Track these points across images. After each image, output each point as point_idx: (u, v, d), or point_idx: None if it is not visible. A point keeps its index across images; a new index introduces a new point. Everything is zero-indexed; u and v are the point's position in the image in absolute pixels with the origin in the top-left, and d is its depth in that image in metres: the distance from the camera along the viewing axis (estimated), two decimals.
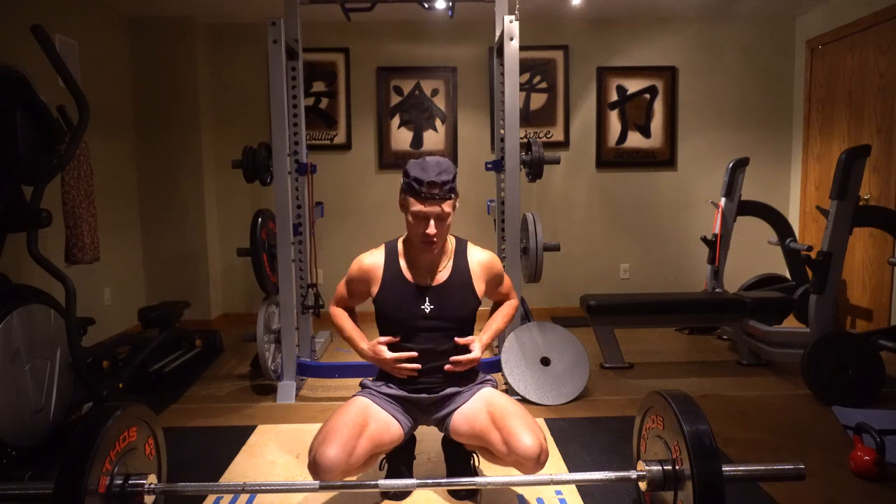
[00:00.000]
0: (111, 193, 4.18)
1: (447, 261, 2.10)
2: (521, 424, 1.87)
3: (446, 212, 1.96)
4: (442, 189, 1.92)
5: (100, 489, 1.57)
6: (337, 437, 1.85)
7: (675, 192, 4.93)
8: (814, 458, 2.36)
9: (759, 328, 3.41)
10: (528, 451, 1.82)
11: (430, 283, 2.07)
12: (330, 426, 1.89)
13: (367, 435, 1.91)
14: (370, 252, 2.16)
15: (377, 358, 2.06)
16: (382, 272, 2.09)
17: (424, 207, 1.93)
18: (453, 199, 1.98)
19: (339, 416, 1.94)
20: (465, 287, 2.09)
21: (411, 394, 2.06)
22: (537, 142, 3.24)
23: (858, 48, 4.10)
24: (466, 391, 2.08)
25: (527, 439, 1.83)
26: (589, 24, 4.78)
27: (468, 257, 2.13)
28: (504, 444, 1.86)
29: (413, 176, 1.94)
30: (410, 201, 1.95)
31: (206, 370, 3.67)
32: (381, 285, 2.08)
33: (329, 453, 1.80)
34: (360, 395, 2.07)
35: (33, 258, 2.41)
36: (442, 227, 1.97)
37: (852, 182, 3.01)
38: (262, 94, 4.57)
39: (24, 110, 2.39)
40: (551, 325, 3.17)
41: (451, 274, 2.09)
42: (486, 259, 2.15)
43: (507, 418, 1.90)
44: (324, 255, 4.44)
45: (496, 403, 1.98)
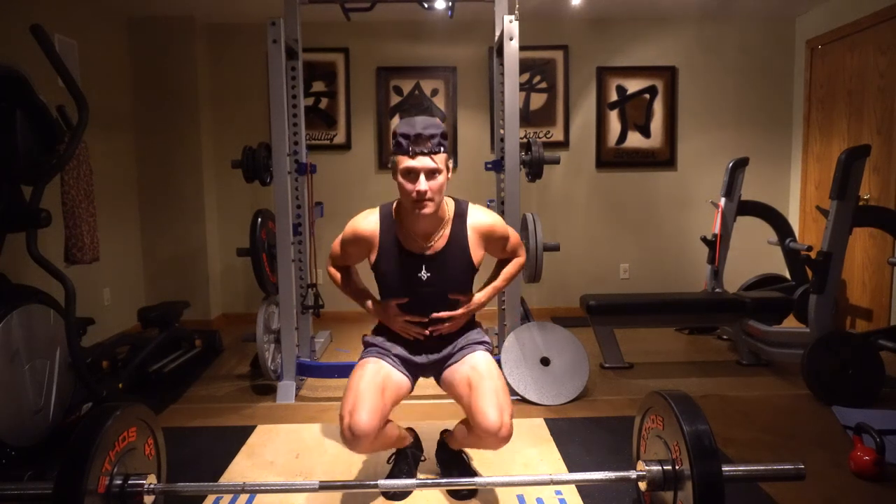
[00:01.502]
0: (111, 193, 4.18)
1: (444, 227, 2.03)
2: (491, 400, 1.88)
3: (437, 166, 1.89)
4: (430, 142, 1.87)
5: (99, 489, 1.57)
6: (365, 402, 1.87)
7: (675, 192, 4.93)
8: (814, 458, 2.36)
9: (759, 328, 3.40)
10: (489, 425, 1.84)
11: (426, 251, 2.01)
12: (355, 394, 1.90)
13: (388, 396, 1.95)
14: (364, 216, 2.08)
15: (387, 315, 2.05)
16: (379, 239, 2.04)
17: (413, 162, 1.87)
18: (444, 155, 1.92)
19: (360, 381, 1.94)
20: (462, 255, 2.03)
21: (412, 355, 2.07)
22: (537, 142, 3.24)
23: (858, 48, 4.10)
24: (464, 348, 2.08)
25: (491, 414, 1.84)
26: (589, 24, 4.78)
27: (467, 223, 2.05)
28: (471, 415, 1.91)
29: (400, 132, 1.89)
30: (399, 160, 1.89)
31: (205, 370, 3.67)
32: (378, 253, 2.04)
33: (363, 419, 1.83)
34: (371, 357, 2.05)
35: (33, 258, 2.41)
36: (434, 184, 1.89)
37: (852, 182, 3.01)
38: (262, 94, 4.57)
39: (24, 110, 2.39)
40: (551, 325, 3.17)
41: (448, 242, 2.02)
42: (486, 224, 2.07)
43: (479, 391, 1.91)
44: (324, 255, 4.41)
45: (477, 374, 1.97)
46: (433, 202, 1.91)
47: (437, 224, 2.01)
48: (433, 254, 2.01)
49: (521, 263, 2.23)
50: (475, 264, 2.06)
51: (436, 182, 1.89)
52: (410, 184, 1.88)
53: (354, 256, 2.13)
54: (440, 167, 1.90)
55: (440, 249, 2.02)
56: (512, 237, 2.17)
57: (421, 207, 1.90)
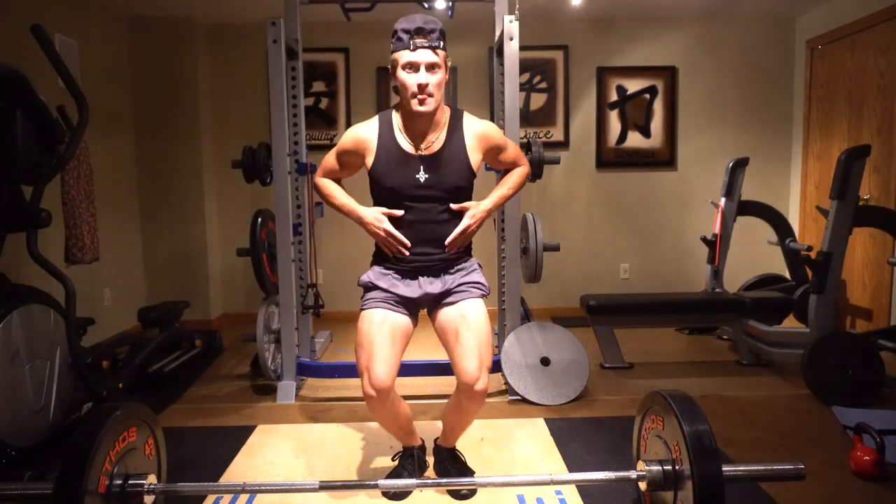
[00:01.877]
0: (111, 193, 4.18)
1: (441, 130, 2.05)
2: (473, 355, 1.96)
3: (437, 61, 1.91)
4: (430, 36, 1.89)
5: (99, 489, 1.57)
6: (380, 355, 1.96)
7: (675, 192, 4.93)
8: (814, 458, 2.36)
9: (759, 328, 3.40)
10: (468, 378, 1.94)
11: (423, 151, 2.03)
12: (369, 349, 1.98)
13: (398, 344, 2.02)
14: (363, 122, 2.11)
15: (374, 226, 2.04)
16: (377, 141, 2.05)
17: (414, 55, 1.89)
18: (444, 53, 1.94)
19: (371, 335, 2.00)
20: (458, 156, 2.05)
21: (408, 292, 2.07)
22: (537, 142, 3.24)
23: (858, 48, 4.10)
24: (461, 290, 2.08)
25: (471, 369, 1.94)
26: (589, 24, 4.78)
27: (463, 127, 2.08)
28: (454, 365, 2.00)
29: (401, 27, 1.91)
30: (399, 56, 1.91)
31: (205, 370, 3.67)
32: (375, 155, 2.04)
33: (381, 371, 1.93)
34: (373, 308, 2.06)
35: (33, 258, 2.41)
36: (434, 78, 1.91)
37: (852, 182, 3.01)
38: (262, 94, 4.56)
39: (24, 110, 2.39)
40: (551, 325, 3.17)
41: (445, 143, 2.04)
42: (482, 128, 2.09)
43: (464, 345, 1.98)
44: (324, 255, 4.44)
45: (465, 324, 2.01)
46: (433, 97, 1.93)
47: (435, 125, 2.03)
48: (431, 154, 2.03)
49: (525, 172, 2.23)
50: (473, 168, 2.07)
51: (436, 76, 1.91)
52: (411, 77, 1.90)
53: (349, 164, 2.14)
54: (440, 62, 1.92)
55: (437, 150, 2.03)
56: (511, 144, 2.20)
57: (421, 102, 1.92)
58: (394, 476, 2.21)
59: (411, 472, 2.22)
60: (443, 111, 2.06)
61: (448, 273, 2.10)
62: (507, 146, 2.19)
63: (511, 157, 2.21)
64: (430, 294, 2.08)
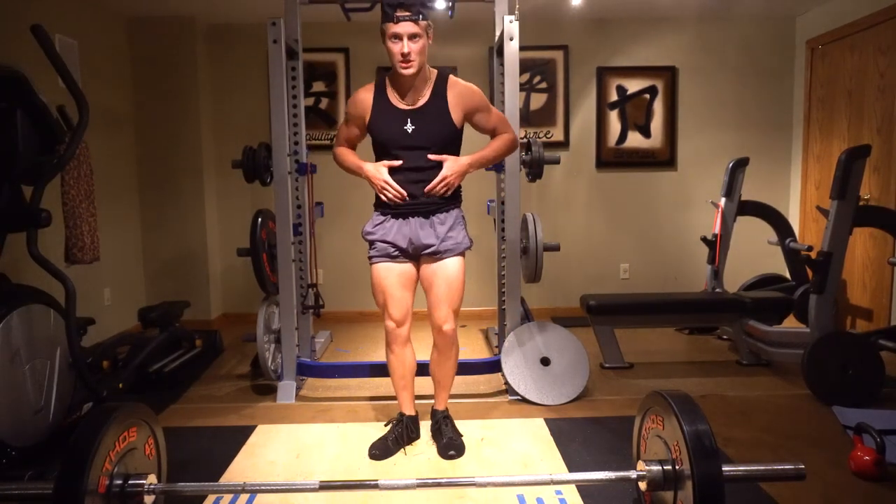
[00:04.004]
0: (111, 193, 4.18)
1: (427, 87, 2.38)
2: (443, 300, 2.40)
3: (418, 31, 2.24)
4: (411, 9, 2.22)
5: (100, 489, 1.57)
6: (394, 299, 2.42)
7: (675, 192, 4.93)
8: (814, 458, 2.36)
9: (759, 328, 3.40)
10: (438, 318, 2.41)
11: (410, 106, 2.37)
12: (384, 296, 2.43)
13: (407, 288, 2.45)
14: (364, 87, 2.46)
15: (375, 177, 2.36)
16: (373, 101, 2.40)
17: (397, 28, 2.23)
18: (425, 22, 2.26)
19: (383, 285, 2.43)
20: (441, 111, 2.37)
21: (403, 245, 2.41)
22: (537, 142, 3.24)
23: (858, 48, 4.10)
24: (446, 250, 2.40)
25: (441, 311, 2.40)
26: (589, 24, 4.78)
27: (448, 85, 2.39)
28: (429, 308, 2.44)
29: (386, 3, 2.24)
30: (386, 27, 2.26)
31: (206, 370, 3.67)
32: (371, 113, 2.40)
33: (397, 311, 2.43)
34: (379, 263, 2.44)
35: (33, 258, 2.41)
36: (416, 46, 2.24)
37: (852, 182, 3.01)
38: (262, 94, 4.56)
39: (25, 110, 2.39)
40: (551, 325, 3.17)
41: (430, 99, 2.37)
42: (463, 88, 2.40)
43: (439, 294, 2.40)
44: (324, 255, 4.44)
45: (443, 276, 2.40)
46: (415, 62, 2.27)
47: (421, 83, 2.37)
48: (416, 108, 2.37)
49: (509, 139, 2.50)
50: (455, 124, 2.38)
51: (417, 44, 2.25)
52: (396, 46, 2.26)
53: (358, 125, 2.48)
54: (420, 32, 2.25)
55: (422, 105, 2.37)
56: (494, 111, 2.49)
57: (405, 67, 2.27)
58: (380, 443, 2.48)
59: (399, 437, 2.49)
60: (429, 72, 2.39)
61: (437, 223, 2.40)
62: (490, 111, 2.47)
63: (493, 122, 2.48)
64: (421, 244, 2.40)
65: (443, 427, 2.53)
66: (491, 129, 2.49)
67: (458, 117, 2.38)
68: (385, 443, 2.48)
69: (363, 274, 2.35)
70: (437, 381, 2.58)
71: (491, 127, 2.48)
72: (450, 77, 2.41)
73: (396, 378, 2.55)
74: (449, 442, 2.47)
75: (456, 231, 2.43)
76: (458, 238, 2.43)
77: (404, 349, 2.49)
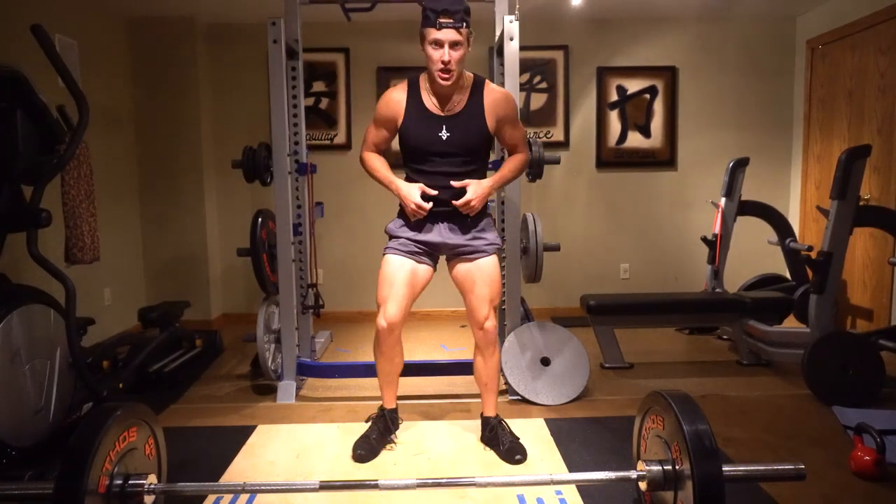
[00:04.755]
0: (111, 193, 4.18)
1: (464, 93, 2.34)
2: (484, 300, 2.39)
3: (460, 39, 2.18)
4: (454, 16, 2.16)
5: (100, 489, 1.57)
6: (395, 296, 2.35)
7: (675, 192, 4.93)
8: (814, 458, 2.36)
9: (760, 328, 3.40)
10: (481, 316, 2.39)
11: (447, 112, 2.33)
12: (387, 290, 2.36)
13: (414, 287, 2.40)
14: (395, 87, 2.40)
15: (409, 197, 2.31)
16: (406, 104, 2.35)
17: (439, 34, 2.17)
18: (467, 30, 2.21)
19: (390, 278, 2.36)
20: (477, 118, 2.34)
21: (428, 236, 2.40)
22: (537, 142, 3.23)
23: (859, 48, 4.10)
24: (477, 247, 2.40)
25: (482, 310, 2.39)
26: (589, 24, 4.78)
27: (484, 92, 2.36)
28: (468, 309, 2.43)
29: (429, 7, 2.18)
30: (427, 31, 2.20)
31: (206, 370, 3.67)
32: (405, 116, 2.35)
33: (394, 309, 2.33)
34: (395, 255, 2.40)
35: (33, 258, 2.41)
36: (456, 54, 2.20)
37: (852, 182, 3.01)
38: (262, 94, 4.56)
39: (25, 110, 2.39)
40: (551, 325, 3.17)
41: (467, 105, 2.33)
42: (500, 95, 2.38)
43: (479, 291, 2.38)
44: (324, 255, 4.43)
45: (480, 276, 2.39)
46: (455, 71, 2.23)
47: (458, 88, 2.32)
48: (452, 115, 2.33)
49: (524, 160, 2.49)
50: (489, 130, 2.37)
51: (458, 53, 2.20)
52: (437, 54, 2.20)
53: (388, 128, 2.41)
54: (462, 40, 2.20)
55: (459, 112, 2.33)
56: (520, 126, 2.47)
57: (444, 77, 2.23)
58: (363, 441, 2.45)
59: (381, 430, 2.49)
60: (466, 77, 2.34)
61: (465, 227, 2.40)
62: (517, 125, 2.45)
63: (516, 138, 2.46)
64: (449, 244, 2.40)
65: (499, 432, 2.47)
66: (512, 144, 2.48)
67: (492, 124, 2.36)
68: (368, 441, 2.45)
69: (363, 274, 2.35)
70: (484, 384, 2.52)
71: (512, 143, 2.47)
72: (486, 83, 2.38)
73: (383, 375, 2.53)
74: (512, 446, 2.41)
75: (487, 232, 2.45)
76: (490, 238, 2.45)
77: (394, 350, 2.45)
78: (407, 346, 2.46)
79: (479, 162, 2.42)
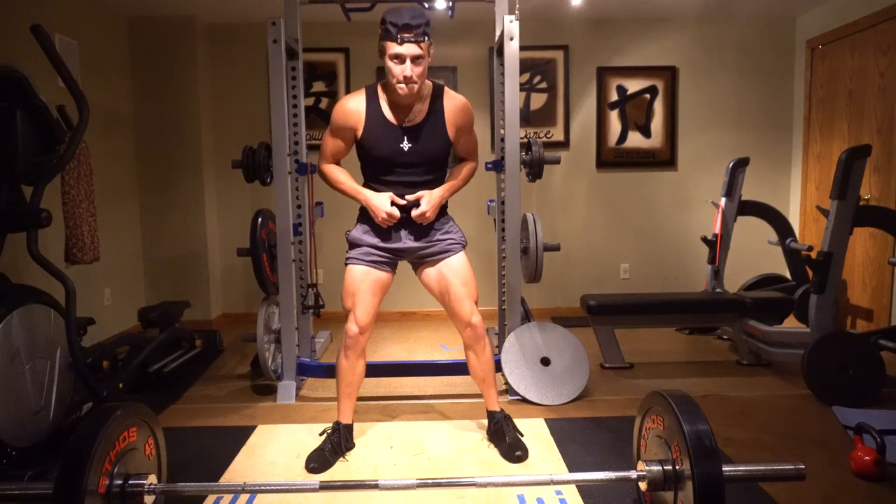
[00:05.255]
0: (111, 193, 4.18)
1: (424, 103, 2.32)
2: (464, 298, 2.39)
3: (421, 53, 2.15)
4: (416, 31, 2.12)
5: (99, 489, 1.57)
6: (362, 304, 2.36)
7: (675, 192, 4.93)
8: (814, 458, 2.36)
9: (760, 328, 3.40)
10: (465, 315, 2.40)
11: (407, 123, 2.30)
12: (354, 298, 2.37)
13: (377, 294, 2.41)
14: (350, 96, 2.35)
15: (381, 207, 2.29)
16: (365, 114, 2.30)
17: (401, 48, 2.13)
18: (427, 42, 2.17)
19: (355, 287, 2.37)
20: (438, 128, 2.33)
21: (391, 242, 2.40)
22: (537, 142, 3.23)
23: (859, 48, 4.10)
24: (441, 249, 2.42)
25: (465, 308, 2.39)
26: (589, 24, 4.78)
27: (444, 101, 2.34)
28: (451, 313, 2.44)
29: (389, 21, 2.13)
30: (387, 45, 2.15)
31: (206, 370, 3.67)
32: (364, 126, 2.30)
33: (363, 315, 2.36)
34: (357, 265, 2.40)
35: (33, 258, 2.41)
36: (419, 69, 2.16)
37: (852, 182, 3.01)
38: (262, 94, 4.57)
39: (25, 110, 2.39)
40: (551, 325, 3.17)
41: (427, 115, 2.32)
42: (459, 103, 2.36)
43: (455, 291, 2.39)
44: (324, 255, 4.44)
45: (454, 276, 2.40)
46: (416, 84, 2.20)
47: (418, 99, 2.29)
48: (413, 126, 2.31)
49: (473, 167, 2.51)
50: (450, 139, 2.36)
51: (419, 67, 2.17)
52: (397, 69, 2.16)
53: (345, 139, 2.37)
54: (424, 54, 2.17)
55: (419, 122, 2.31)
56: (474, 135, 2.47)
57: (405, 91, 2.19)
58: (316, 454, 2.38)
59: (336, 446, 2.42)
60: (425, 86, 2.31)
61: (428, 229, 2.40)
62: (471, 134, 2.46)
63: (469, 146, 2.48)
64: (412, 247, 2.40)
65: (504, 427, 2.47)
66: (464, 152, 2.49)
67: (451, 133, 2.36)
68: (322, 454, 2.38)
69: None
70: (481, 379, 2.53)
71: (467, 151, 2.49)
72: (445, 91, 2.37)
73: (343, 384, 2.47)
74: (513, 443, 2.42)
75: (451, 232, 2.46)
76: (455, 237, 2.46)
77: (359, 359, 2.44)
78: (407, 345, 2.49)
79: (440, 171, 2.43)
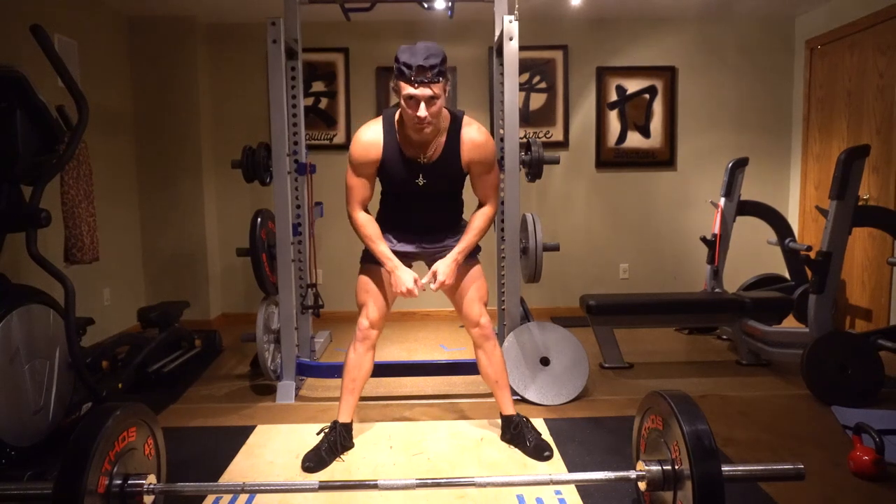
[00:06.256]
0: (111, 193, 4.18)
1: (440, 137, 2.28)
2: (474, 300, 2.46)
3: (436, 94, 2.10)
4: (430, 72, 2.07)
5: (99, 489, 1.57)
6: (376, 303, 2.42)
7: (674, 192, 4.93)
8: (814, 458, 2.36)
9: (759, 328, 3.41)
10: (474, 316, 2.47)
11: (423, 160, 2.28)
12: (367, 297, 2.43)
13: (390, 297, 2.45)
14: (368, 126, 2.32)
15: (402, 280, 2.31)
16: (383, 146, 2.27)
17: (415, 91, 2.08)
18: (442, 82, 2.13)
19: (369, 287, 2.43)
20: (453, 164, 2.30)
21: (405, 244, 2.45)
22: (537, 142, 3.23)
23: (858, 48, 4.11)
24: None
25: (474, 310, 2.46)
26: (589, 24, 4.78)
27: (461, 135, 2.29)
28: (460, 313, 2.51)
29: (402, 61, 2.08)
30: (401, 85, 2.10)
31: (205, 370, 3.67)
32: (382, 157, 2.29)
33: (375, 313, 2.42)
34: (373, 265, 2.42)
35: (33, 258, 2.41)
36: (433, 109, 2.11)
37: (852, 182, 3.01)
38: (261, 94, 4.57)
39: (24, 110, 2.39)
40: (551, 325, 3.17)
41: (443, 152, 2.28)
42: (479, 139, 2.31)
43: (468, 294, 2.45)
44: (324, 255, 4.44)
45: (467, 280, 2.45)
46: (431, 125, 2.16)
47: (434, 134, 2.26)
48: (429, 163, 2.29)
49: (490, 216, 2.44)
50: (465, 170, 2.35)
51: (434, 107, 2.12)
52: (412, 109, 2.11)
53: (369, 175, 2.33)
54: (439, 94, 2.12)
55: (435, 159, 2.29)
56: (494, 175, 2.41)
57: (419, 130, 2.16)
58: (313, 454, 2.37)
59: (332, 445, 2.40)
60: (443, 117, 2.26)
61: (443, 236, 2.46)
62: (491, 172, 2.38)
63: (487, 186, 2.40)
64: (427, 249, 2.46)
65: (524, 430, 2.47)
66: (481, 193, 2.41)
67: (466, 164, 2.34)
68: (318, 453, 2.37)
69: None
70: (494, 381, 2.53)
71: (484, 192, 2.41)
72: (464, 121, 2.32)
73: (348, 380, 2.47)
74: (538, 444, 2.43)
75: None
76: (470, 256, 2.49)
77: (368, 353, 2.47)
78: (407, 345, 2.50)
79: (456, 199, 2.47)
